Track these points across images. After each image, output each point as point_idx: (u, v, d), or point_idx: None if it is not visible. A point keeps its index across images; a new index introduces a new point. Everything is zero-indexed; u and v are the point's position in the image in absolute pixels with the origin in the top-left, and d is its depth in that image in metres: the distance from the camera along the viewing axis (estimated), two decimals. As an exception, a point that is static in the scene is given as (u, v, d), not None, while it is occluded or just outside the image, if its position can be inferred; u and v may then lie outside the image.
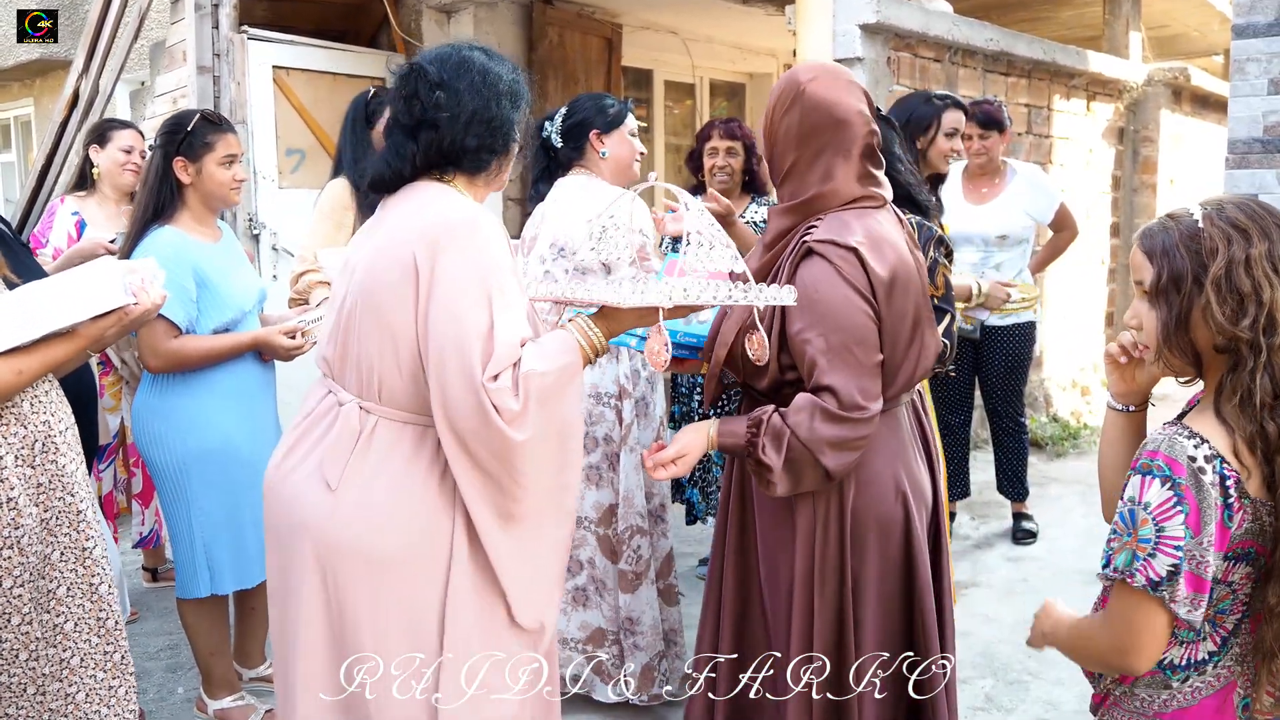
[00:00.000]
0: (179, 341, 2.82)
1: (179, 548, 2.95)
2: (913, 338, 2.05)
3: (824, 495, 2.05)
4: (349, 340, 1.89)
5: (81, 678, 2.21)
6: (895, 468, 2.09)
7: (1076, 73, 6.52)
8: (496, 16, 6.32)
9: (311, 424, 1.96)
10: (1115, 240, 7.29)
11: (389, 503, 1.83)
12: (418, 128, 1.88)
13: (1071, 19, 8.49)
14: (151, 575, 4.34)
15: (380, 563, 1.84)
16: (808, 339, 1.96)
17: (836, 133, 2.03)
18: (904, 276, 2.02)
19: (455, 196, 1.90)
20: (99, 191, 4.01)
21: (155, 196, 2.92)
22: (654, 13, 7.29)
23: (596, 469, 3.06)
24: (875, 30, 4.88)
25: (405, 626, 1.85)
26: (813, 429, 1.93)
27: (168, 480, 2.91)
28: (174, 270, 2.81)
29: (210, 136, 2.94)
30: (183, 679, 3.45)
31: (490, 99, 1.89)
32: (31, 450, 2.12)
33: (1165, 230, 1.55)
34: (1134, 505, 1.48)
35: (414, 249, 1.79)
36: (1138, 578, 1.47)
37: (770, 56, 8.71)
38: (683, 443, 2.06)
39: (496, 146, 1.93)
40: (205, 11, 5.36)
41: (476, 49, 1.95)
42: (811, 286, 1.96)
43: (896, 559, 2.10)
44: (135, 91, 7.68)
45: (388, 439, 1.85)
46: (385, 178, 1.92)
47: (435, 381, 1.77)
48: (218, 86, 5.41)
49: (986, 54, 5.73)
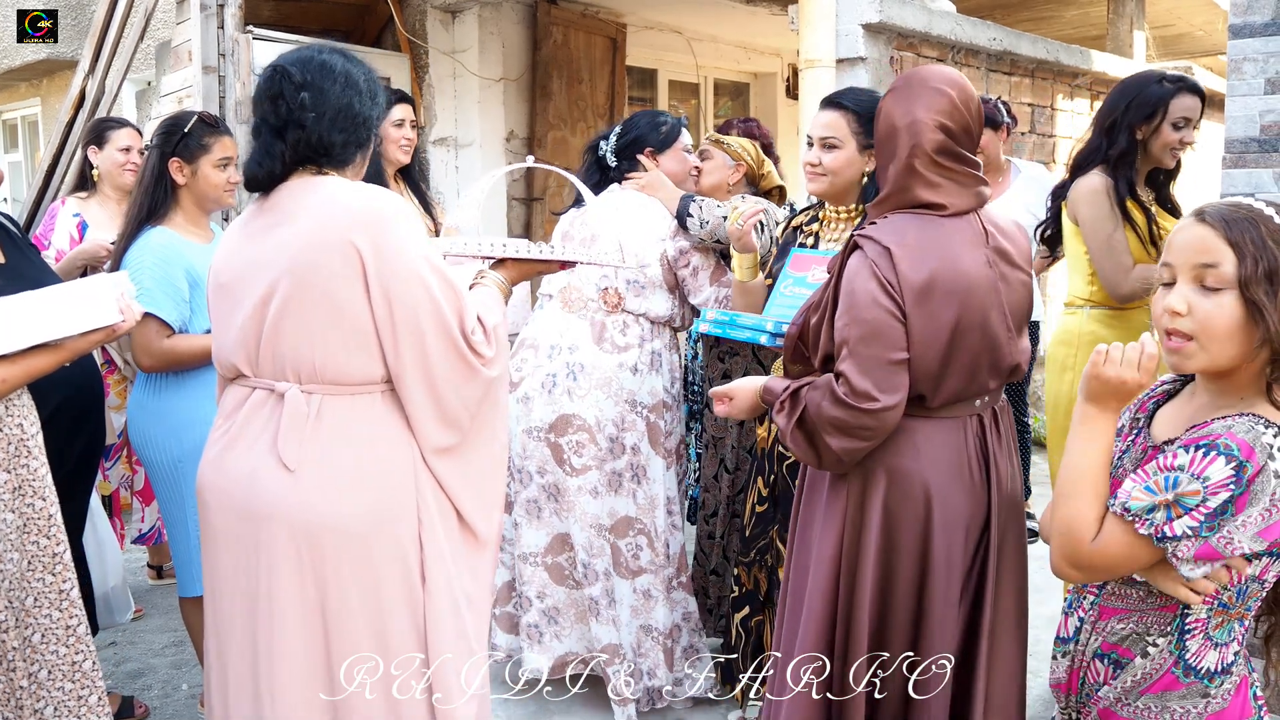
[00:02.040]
0: (171, 341, 2.84)
1: (176, 546, 2.98)
2: (953, 349, 2.03)
3: (852, 490, 2.10)
4: (278, 332, 1.94)
5: (49, 691, 2.15)
6: (927, 477, 2.06)
7: (1080, 72, 6.51)
8: (501, 16, 6.33)
9: (244, 422, 2.00)
10: (1119, 240, 7.28)
11: (354, 471, 1.93)
12: (285, 127, 1.98)
13: (1075, 18, 8.48)
14: (156, 572, 4.37)
15: (356, 534, 1.93)
16: (838, 326, 2.06)
17: (896, 140, 2.10)
18: (948, 286, 2.01)
19: (356, 185, 2.02)
20: (100, 192, 4.02)
21: (150, 196, 2.94)
22: (658, 12, 7.30)
23: (619, 475, 3.10)
24: (878, 30, 4.88)
25: (397, 593, 1.94)
26: (821, 407, 2.05)
27: (163, 479, 2.93)
28: (167, 270, 2.83)
29: (207, 138, 2.96)
30: (187, 675, 3.48)
31: (352, 97, 2.03)
32: (6, 454, 2.10)
33: (1253, 222, 1.53)
34: (1180, 473, 1.49)
35: (349, 235, 1.90)
36: (1147, 526, 1.53)
37: (775, 56, 8.71)
38: (736, 386, 2.31)
39: (360, 140, 2.06)
40: (210, 11, 5.37)
41: (335, 51, 2.07)
42: (849, 278, 2.06)
43: (910, 574, 2.08)
44: (141, 91, 7.71)
45: (338, 413, 1.95)
46: (259, 176, 2.02)
47: (409, 343, 1.92)
48: (223, 86, 5.42)
49: (990, 53, 5.73)
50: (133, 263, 2.86)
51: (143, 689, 3.39)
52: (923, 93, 2.10)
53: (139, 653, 3.67)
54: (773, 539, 2.85)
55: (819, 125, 2.70)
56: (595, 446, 3.06)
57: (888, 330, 2.00)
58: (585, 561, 3.09)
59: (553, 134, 6.57)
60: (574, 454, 3.07)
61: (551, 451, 3.09)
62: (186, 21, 5.61)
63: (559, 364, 3.10)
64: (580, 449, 3.07)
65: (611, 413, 3.07)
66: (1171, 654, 1.62)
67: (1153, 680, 1.63)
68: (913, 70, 2.18)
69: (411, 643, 1.96)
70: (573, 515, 3.09)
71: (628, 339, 3.11)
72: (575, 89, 6.73)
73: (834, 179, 2.69)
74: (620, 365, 3.08)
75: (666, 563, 3.14)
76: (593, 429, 3.06)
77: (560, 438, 3.08)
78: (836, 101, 2.71)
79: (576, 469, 3.08)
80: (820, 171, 2.69)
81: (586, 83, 6.80)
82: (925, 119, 2.08)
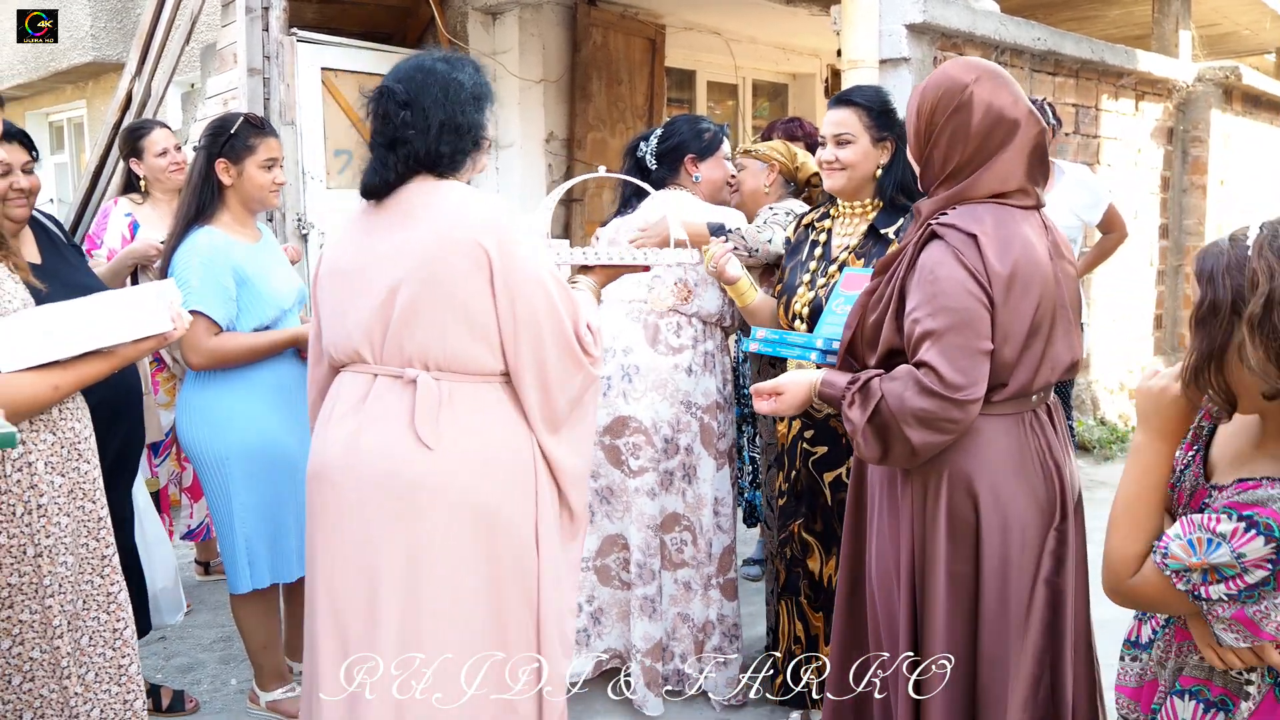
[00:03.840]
0: (219, 339, 2.87)
1: (224, 543, 3.01)
2: (1029, 342, 2.01)
3: (914, 490, 2.07)
4: (407, 324, 2.07)
5: (96, 694, 2.15)
6: (989, 475, 2.02)
7: (1125, 72, 6.45)
8: (541, 18, 6.36)
9: (374, 407, 2.11)
10: (1164, 242, 7.20)
11: (483, 449, 2.11)
12: (394, 143, 2.11)
13: (1120, 17, 8.39)
14: (204, 569, 4.42)
15: (488, 506, 2.10)
16: (917, 318, 2.00)
17: (1012, 132, 2.05)
18: (1027, 277, 1.99)
19: (479, 193, 2.17)
20: (151, 195, 4.07)
21: (197, 197, 2.98)
22: (697, 13, 7.30)
23: (670, 474, 3.11)
24: (921, 30, 4.86)
25: (505, 559, 2.11)
26: (903, 399, 1.97)
27: (211, 476, 2.97)
28: (214, 269, 2.86)
29: (252, 139, 2.99)
30: (235, 670, 3.51)
31: (454, 109, 2.12)
32: (61, 458, 2.11)
33: (1218, 253, 1.47)
34: (1222, 542, 1.45)
35: (478, 238, 2.05)
36: (1185, 583, 1.50)
37: (813, 57, 8.69)
38: (785, 381, 2.21)
39: (467, 148, 2.17)
40: (255, 14, 5.43)
41: (439, 60, 2.17)
42: (928, 268, 2.00)
43: (965, 574, 2.05)
44: (186, 94, 7.80)
45: (465, 398, 2.10)
46: (376, 185, 2.15)
47: (526, 341, 2.08)
48: (267, 88, 5.48)
49: (1034, 53, 5.68)
50: (180, 262, 2.89)
51: (192, 683, 3.43)
52: (1012, 84, 2.09)
53: (188, 647, 3.71)
54: (794, 532, 2.87)
55: (830, 123, 2.72)
56: (651, 448, 3.08)
57: (977, 318, 1.96)
58: (641, 561, 3.09)
59: (592, 135, 6.58)
60: (631, 456, 3.09)
61: (607, 454, 3.11)
62: (231, 24, 5.67)
63: (614, 366, 3.12)
64: (637, 451, 3.08)
65: (667, 414, 3.08)
66: (1268, 682, 1.56)
67: (1253, 710, 1.57)
68: (963, 62, 2.14)
69: (528, 621, 2.13)
70: (629, 516, 3.10)
71: (681, 340, 3.12)
72: (614, 90, 6.75)
73: (850, 173, 2.70)
74: (675, 367, 3.10)
75: (708, 561, 3.14)
76: (649, 430, 3.07)
77: (617, 440, 3.10)
78: (846, 99, 2.74)
79: (634, 470, 3.09)
80: (837, 166, 2.70)
81: (626, 84, 6.81)
82: (1032, 109, 2.08)
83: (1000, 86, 2.07)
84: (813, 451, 2.79)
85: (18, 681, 2.00)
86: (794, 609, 2.91)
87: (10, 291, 2.06)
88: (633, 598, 3.11)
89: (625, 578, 3.15)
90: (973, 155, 2.06)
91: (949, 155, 2.08)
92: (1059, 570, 2.06)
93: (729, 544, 3.21)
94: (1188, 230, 7.26)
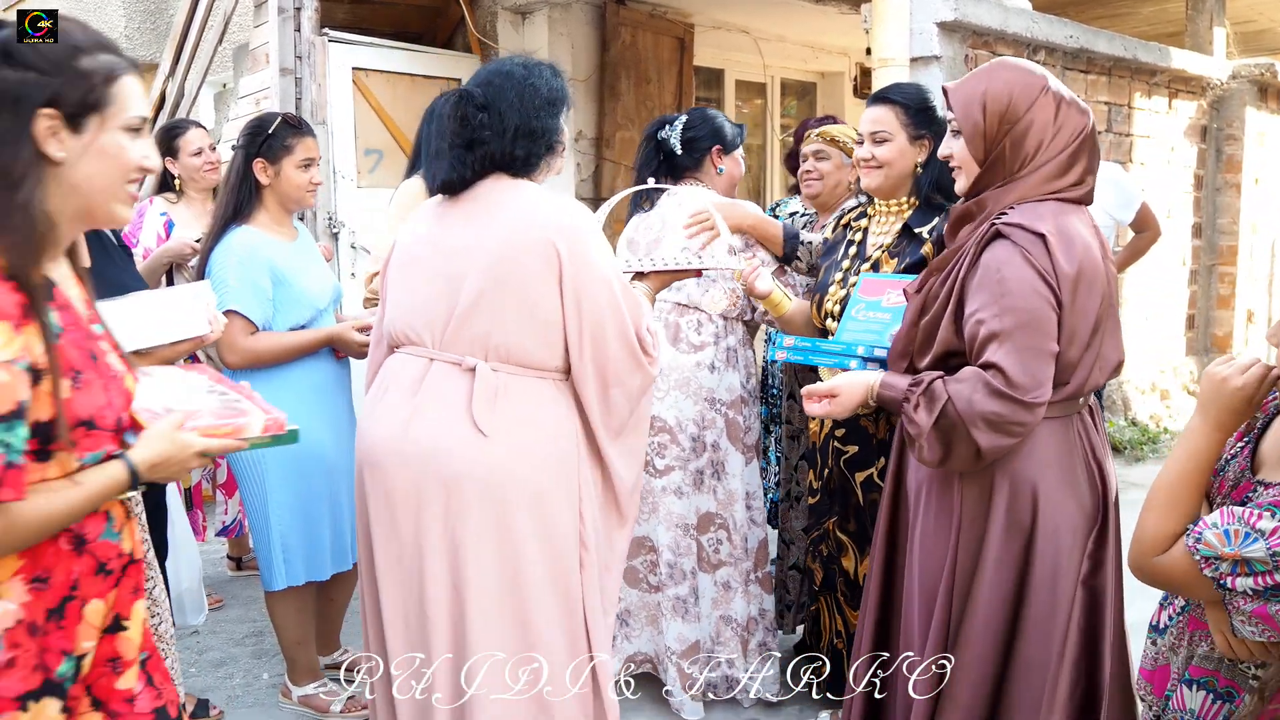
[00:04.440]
0: (255, 338, 2.90)
1: (259, 540, 3.03)
2: (1091, 341, 2.02)
3: (968, 494, 2.06)
4: (471, 314, 2.13)
5: None
6: (1040, 478, 2.02)
7: (1158, 69, 6.39)
8: (570, 18, 6.37)
9: (430, 393, 2.16)
10: (1197, 241, 7.13)
11: (533, 439, 2.15)
12: (471, 144, 2.18)
13: (1153, 14, 8.31)
14: (236, 564, 4.46)
15: (535, 491, 2.14)
16: (982, 319, 1.97)
17: (1079, 126, 2.07)
18: (1090, 275, 1.99)
19: (554, 195, 2.21)
20: (185, 194, 4.11)
21: (235, 196, 3.00)
22: (726, 12, 7.29)
23: (701, 474, 3.11)
24: (953, 28, 4.84)
25: (551, 551, 2.15)
26: (971, 401, 1.94)
27: (247, 474, 2.99)
28: (251, 269, 2.88)
29: (290, 139, 3.01)
30: (267, 665, 3.55)
31: (530, 113, 2.18)
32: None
33: None
34: (1260, 538, 1.45)
35: (551, 239, 2.12)
36: (1212, 570, 1.50)
37: (842, 55, 8.66)
38: (840, 383, 2.18)
39: (540, 151, 2.23)
40: (288, 15, 5.48)
41: (517, 64, 2.24)
42: (994, 268, 1.98)
43: (1011, 578, 2.04)
44: (218, 93, 7.86)
45: (520, 391, 2.16)
46: (454, 181, 2.21)
47: (590, 340, 2.15)
48: (299, 88, 5.53)
49: (1066, 51, 5.64)
50: (218, 261, 2.92)
51: (225, 677, 3.46)
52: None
53: (220, 642, 3.75)
54: (828, 530, 2.87)
55: (868, 121, 2.71)
56: (677, 447, 3.07)
57: (1046, 320, 1.94)
58: (671, 561, 3.10)
59: (620, 134, 6.59)
60: (657, 455, 3.08)
61: None
62: (264, 25, 5.72)
63: None
64: (663, 450, 3.08)
65: (691, 412, 3.07)
66: None
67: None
68: (1022, 62, 2.14)
69: (577, 615, 2.19)
70: (657, 516, 3.10)
71: (703, 337, 3.11)
72: (643, 89, 6.75)
73: (889, 171, 2.69)
74: (698, 364, 3.09)
75: (745, 556, 3.14)
76: (674, 429, 3.07)
77: None
78: (883, 97, 2.73)
79: (660, 470, 3.09)
80: (874, 164, 2.69)
81: (654, 83, 6.81)
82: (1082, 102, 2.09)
83: (1059, 83, 2.10)
84: (844, 450, 2.78)
85: None
86: (834, 605, 2.91)
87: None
88: (663, 599, 3.11)
89: (653, 580, 3.15)
90: (1042, 150, 2.06)
91: (1022, 151, 2.07)
92: (1096, 572, 2.05)
93: (763, 538, 3.21)
94: (1221, 229, 7.19)
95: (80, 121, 1.46)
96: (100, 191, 1.50)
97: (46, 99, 1.42)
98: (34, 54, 1.44)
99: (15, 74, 1.42)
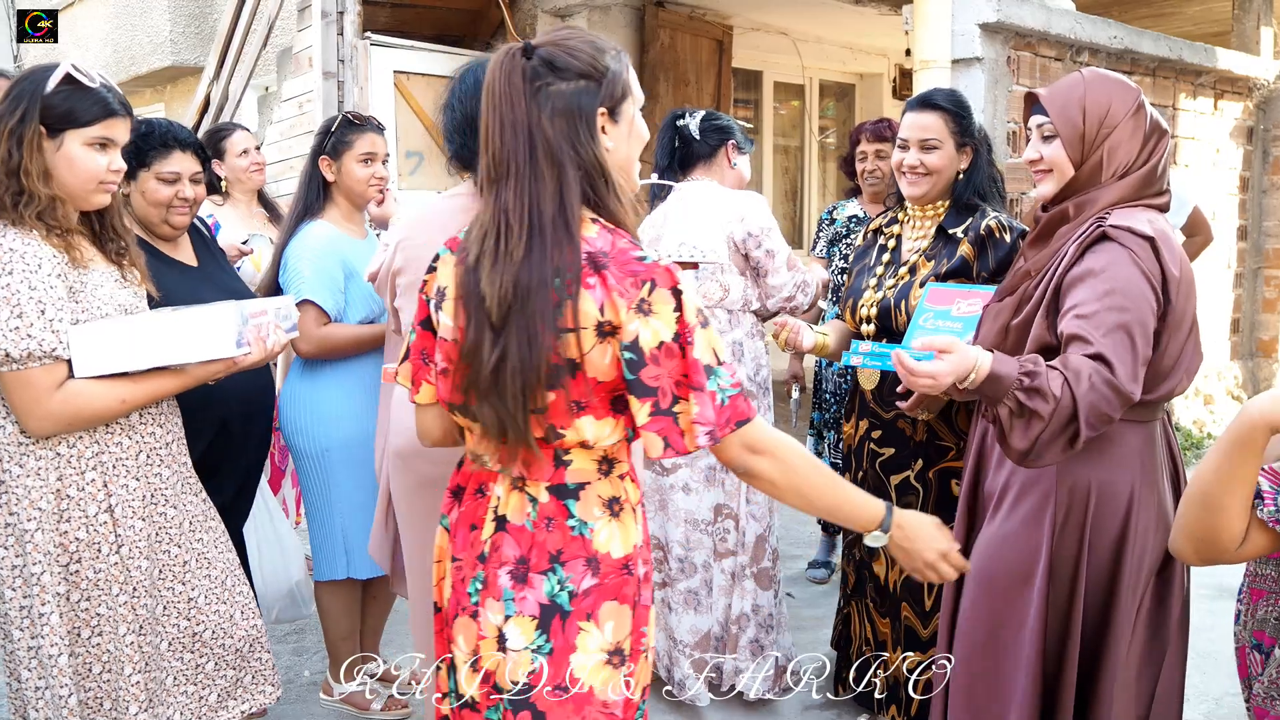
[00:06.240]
0: (328, 329, 2.94)
1: (317, 531, 3.06)
2: (1185, 345, 2.03)
3: (1059, 500, 2.04)
4: None
5: (175, 696, 2.17)
6: (1129, 484, 2.02)
7: (1203, 70, 6.30)
8: (609, 19, 6.39)
9: None
10: (1242, 244, 7.02)
11: None
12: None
13: (1198, 14, 8.21)
14: (276, 562, 4.50)
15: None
16: (1083, 314, 1.92)
17: (1165, 134, 2.12)
18: (1189, 280, 2.02)
19: None
20: (231, 196, 4.17)
21: (305, 193, 3.07)
22: (765, 14, 7.28)
23: (712, 469, 3.11)
24: (995, 29, 4.80)
25: None
26: (1093, 387, 1.85)
27: (310, 466, 3.02)
28: (324, 261, 2.93)
29: (350, 135, 3.06)
30: (308, 662, 3.58)
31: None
32: (137, 463, 2.11)
33: None
34: None
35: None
36: None
37: (881, 57, 8.62)
38: (950, 344, 1.91)
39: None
40: (331, 19, 5.54)
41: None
42: (1101, 268, 1.97)
43: (1102, 582, 2.05)
44: (262, 97, 7.97)
45: None
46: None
47: None
48: (342, 91, 5.59)
49: (1110, 52, 5.58)
50: (293, 254, 2.97)
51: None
52: None
53: (262, 639, 3.79)
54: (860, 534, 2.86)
55: (916, 128, 2.67)
56: None
57: (1148, 323, 1.94)
58: (682, 556, 3.11)
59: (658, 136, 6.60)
60: None
61: None
62: (307, 29, 5.79)
63: None
64: None
65: None
66: None
67: None
68: (1108, 73, 2.18)
69: None
70: (666, 513, 3.12)
71: None
72: (681, 91, 6.76)
73: (936, 179, 2.67)
74: None
75: (742, 550, 3.14)
76: None
77: None
78: (932, 103, 2.69)
79: (667, 468, 3.10)
80: (922, 171, 2.67)
81: (693, 85, 6.82)
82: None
83: (1135, 93, 2.14)
84: (880, 453, 2.78)
85: (97, 671, 2.06)
86: (863, 611, 2.90)
87: (108, 296, 2.08)
88: (671, 595, 3.13)
89: (657, 578, 3.15)
90: (1135, 158, 2.09)
91: (1117, 158, 2.09)
92: (1168, 574, 2.08)
93: (761, 533, 3.17)
94: (1267, 232, 7.08)
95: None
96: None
97: None
98: None
99: None
